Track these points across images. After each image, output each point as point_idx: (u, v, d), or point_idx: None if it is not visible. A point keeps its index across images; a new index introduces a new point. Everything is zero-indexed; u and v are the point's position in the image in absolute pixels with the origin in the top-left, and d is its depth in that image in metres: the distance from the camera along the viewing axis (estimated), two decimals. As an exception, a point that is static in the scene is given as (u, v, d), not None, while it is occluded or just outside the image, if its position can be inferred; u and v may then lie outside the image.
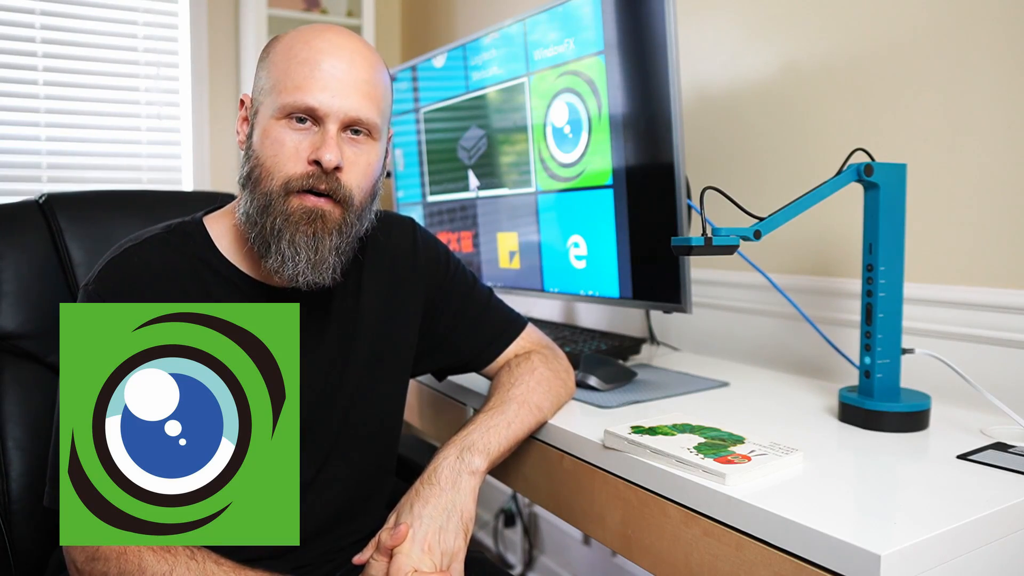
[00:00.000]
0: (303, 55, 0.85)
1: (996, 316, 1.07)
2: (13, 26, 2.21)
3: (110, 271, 0.86)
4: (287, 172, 0.84)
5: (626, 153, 1.24)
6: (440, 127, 1.74)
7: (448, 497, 0.86)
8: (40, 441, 1.06)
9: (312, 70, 0.83)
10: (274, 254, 0.85)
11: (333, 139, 0.84)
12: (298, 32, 0.88)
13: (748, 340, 1.44)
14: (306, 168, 0.84)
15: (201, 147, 2.49)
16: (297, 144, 0.84)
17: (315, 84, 0.83)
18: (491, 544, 2.37)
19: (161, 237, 0.90)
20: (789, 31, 1.35)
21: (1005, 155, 1.06)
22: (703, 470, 0.76)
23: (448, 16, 2.55)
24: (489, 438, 0.92)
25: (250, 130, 0.89)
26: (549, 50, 1.37)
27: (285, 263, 0.84)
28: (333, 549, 0.97)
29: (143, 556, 0.78)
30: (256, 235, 0.86)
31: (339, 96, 0.84)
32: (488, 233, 1.63)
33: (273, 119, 0.84)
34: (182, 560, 0.78)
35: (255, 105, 0.89)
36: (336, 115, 0.84)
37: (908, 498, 0.74)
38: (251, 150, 0.87)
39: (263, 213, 0.85)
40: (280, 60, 0.86)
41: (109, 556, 0.78)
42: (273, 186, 0.84)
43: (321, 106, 0.83)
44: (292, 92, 0.83)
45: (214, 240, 0.91)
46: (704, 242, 0.88)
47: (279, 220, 0.84)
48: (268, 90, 0.86)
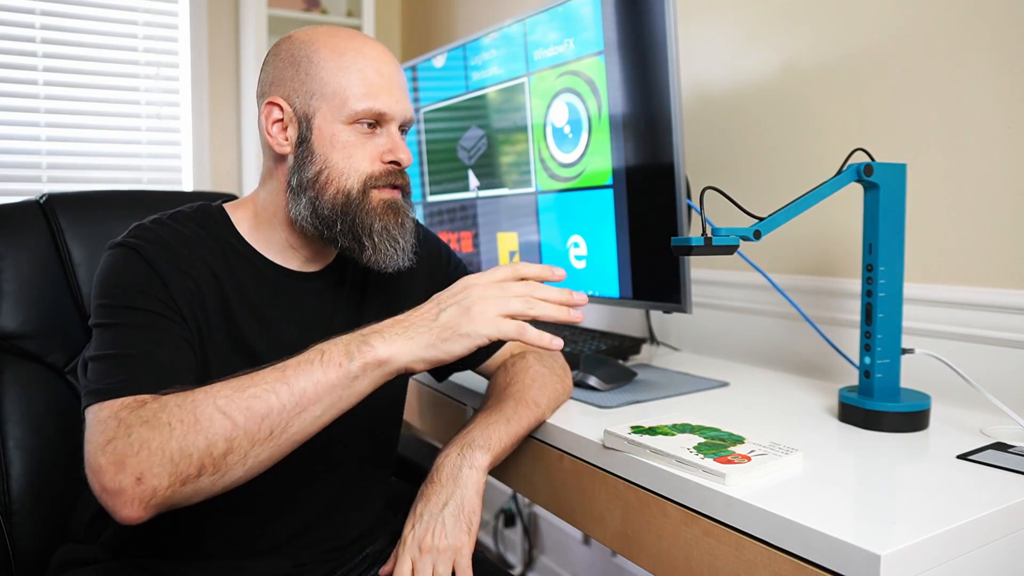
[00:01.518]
0: (358, 63, 0.89)
1: (996, 316, 1.07)
2: (13, 26, 2.21)
3: (140, 231, 0.88)
4: (365, 172, 0.90)
5: (626, 153, 1.24)
6: (440, 127, 1.74)
7: (448, 492, 0.86)
8: (41, 440, 1.06)
9: (376, 76, 0.90)
10: (370, 248, 0.90)
11: (402, 140, 0.93)
12: (332, 37, 0.91)
13: (748, 340, 1.44)
14: (383, 167, 0.91)
15: (201, 147, 2.49)
16: (371, 147, 0.91)
17: (382, 90, 0.90)
18: (491, 544, 2.37)
19: (188, 214, 0.93)
20: (789, 31, 1.35)
21: (1005, 155, 1.06)
22: (703, 470, 0.76)
23: (448, 16, 2.55)
24: (489, 434, 0.92)
25: (301, 135, 0.90)
26: (549, 50, 1.37)
27: (387, 252, 0.91)
28: (334, 547, 0.97)
29: (160, 399, 0.72)
30: (340, 231, 0.90)
31: (400, 101, 0.92)
32: (488, 233, 1.63)
33: (341, 124, 0.89)
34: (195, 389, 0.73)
35: (302, 110, 0.90)
36: (399, 118, 0.92)
37: (908, 498, 0.74)
38: (312, 154, 0.90)
39: (344, 210, 0.89)
40: (330, 66, 0.89)
41: (129, 420, 0.70)
42: (351, 184, 0.89)
43: (390, 111, 0.90)
44: (362, 99, 0.88)
45: (235, 225, 0.95)
46: (704, 242, 0.88)
47: (364, 215, 0.90)
48: (327, 95, 0.89)
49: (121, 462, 0.67)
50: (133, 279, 0.83)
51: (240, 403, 0.70)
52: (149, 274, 0.83)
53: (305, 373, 0.73)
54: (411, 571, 0.82)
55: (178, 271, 0.85)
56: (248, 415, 0.70)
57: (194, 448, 0.68)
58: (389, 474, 1.09)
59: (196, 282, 0.86)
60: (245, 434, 0.70)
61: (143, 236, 0.87)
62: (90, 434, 0.71)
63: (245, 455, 0.70)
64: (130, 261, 0.84)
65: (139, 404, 0.71)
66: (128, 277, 0.83)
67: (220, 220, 0.94)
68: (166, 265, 0.84)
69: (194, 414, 0.69)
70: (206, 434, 0.68)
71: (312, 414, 0.73)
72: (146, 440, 0.67)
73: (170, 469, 0.67)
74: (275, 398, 0.71)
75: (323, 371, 0.73)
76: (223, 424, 0.69)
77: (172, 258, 0.85)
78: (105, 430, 0.70)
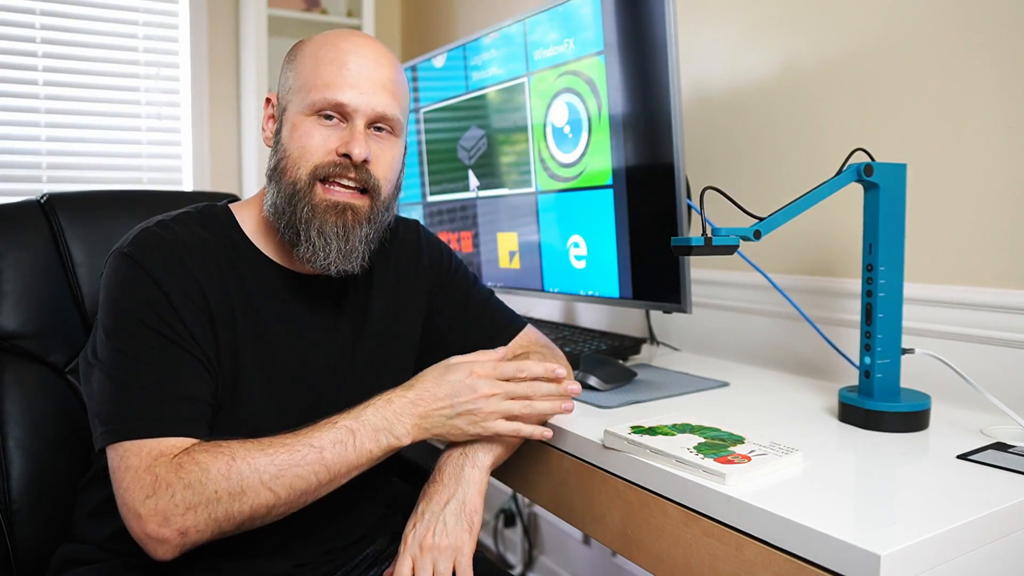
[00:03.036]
0: (330, 55, 0.89)
1: (996, 316, 1.07)
2: (13, 26, 2.21)
3: (145, 236, 0.87)
4: (314, 161, 0.88)
5: (626, 153, 1.24)
6: (440, 127, 1.74)
7: (449, 491, 0.87)
8: (41, 440, 1.06)
9: (340, 68, 0.88)
10: (304, 243, 0.88)
11: (361, 134, 0.88)
12: (324, 36, 0.92)
13: (748, 340, 1.44)
14: (334, 158, 0.88)
15: (201, 147, 2.49)
16: (325, 137, 0.88)
17: (344, 82, 0.88)
18: (491, 544, 2.37)
19: (192, 215, 0.93)
20: (789, 31, 1.35)
21: (1005, 155, 1.06)
22: (703, 470, 0.76)
23: (448, 16, 2.55)
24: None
25: (278, 126, 0.92)
26: (549, 50, 1.37)
27: (316, 252, 0.88)
28: (334, 548, 0.97)
29: (198, 458, 0.76)
30: (285, 224, 0.89)
31: (367, 94, 0.88)
32: (488, 233, 1.63)
33: (302, 115, 0.89)
34: (236, 445, 0.78)
35: (282, 103, 0.92)
36: (364, 112, 0.89)
37: (908, 498, 0.74)
38: (279, 144, 0.91)
39: (290, 201, 0.88)
40: (308, 61, 0.90)
41: (169, 479, 0.75)
42: (300, 175, 0.88)
43: (350, 103, 0.88)
44: (322, 90, 0.87)
45: (240, 225, 0.94)
46: (704, 242, 0.88)
47: (306, 209, 0.88)
48: (296, 88, 0.90)
49: (166, 518, 0.74)
50: (137, 296, 0.83)
51: (285, 481, 0.78)
52: (152, 288, 0.83)
53: (340, 456, 0.81)
54: (411, 570, 0.82)
55: (181, 281, 0.85)
56: (290, 491, 0.79)
57: (239, 514, 0.77)
58: (390, 475, 1.09)
59: (201, 289, 0.86)
60: (286, 504, 0.80)
61: (146, 244, 0.86)
62: (123, 480, 0.77)
63: (280, 515, 0.81)
64: (133, 274, 0.84)
65: (172, 457, 0.77)
66: (133, 293, 0.83)
67: (226, 221, 0.94)
68: (169, 277, 0.84)
69: (240, 486, 0.76)
70: (252, 504, 0.77)
71: (338, 483, 0.84)
72: (192, 504, 0.75)
73: (214, 528, 0.76)
74: (315, 478, 0.80)
75: (355, 455, 0.82)
76: (267, 497, 0.78)
77: (175, 267, 0.85)
78: (142, 484, 0.75)
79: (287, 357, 0.92)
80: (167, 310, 0.83)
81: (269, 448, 0.79)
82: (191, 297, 0.85)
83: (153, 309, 0.82)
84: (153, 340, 0.82)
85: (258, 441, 0.79)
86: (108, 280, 0.86)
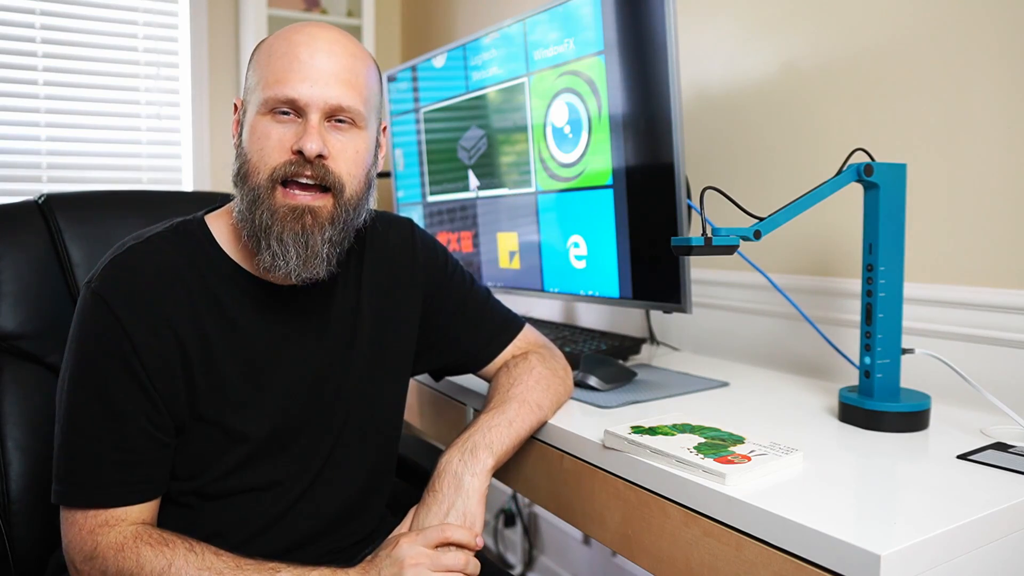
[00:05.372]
0: (282, 49, 0.85)
1: (996, 316, 1.07)
2: (13, 26, 2.21)
3: (113, 270, 0.85)
4: (271, 163, 0.84)
5: (626, 153, 1.24)
6: (440, 127, 1.74)
7: (449, 503, 0.86)
8: (40, 441, 1.05)
9: (291, 62, 0.84)
10: (264, 250, 0.85)
11: (315, 128, 0.84)
12: (280, 31, 0.89)
13: (748, 340, 1.44)
14: (288, 156, 0.84)
15: (201, 147, 2.49)
16: (281, 136, 0.84)
17: (294, 75, 0.83)
18: (491, 544, 2.37)
19: (164, 236, 0.90)
20: (789, 31, 1.35)
21: (1005, 155, 1.06)
22: (703, 470, 0.76)
23: (448, 16, 2.55)
24: (492, 437, 0.91)
25: (240, 130, 0.90)
26: (549, 50, 1.37)
27: (276, 260, 0.85)
28: (333, 550, 0.97)
29: (140, 551, 0.78)
30: (248, 231, 0.86)
31: (318, 85, 0.84)
32: (488, 233, 1.63)
33: (258, 115, 0.85)
34: (180, 552, 0.78)
35: (244, 106, 0.90)
36: (316, 104, 0.84)
37: (908, 498, 0.73)
38: (241, 148, 0.88)
39: (252, 207, 0.85)
40: (262, 58, 0.87)
41: (106, 554, 0.78)
42: (260, 179, 0.85)
43: (301, 96, 0.83)
44: (273, 86, 0.84)
45: (216, 238, 0.91)
46: (704, 242, 0.88)
47: (266, 215, 0.84)
48: (252, 88, 0.87)
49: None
50: (101, 341, 0.82)
51: None
52: (116, 332, 0.82)
53: None
54: None
55: (147, 319, 0.83)
56: None
57: None
58: (391, 478, 1.08)
59: (168, 322, 0.84)
60: None
61: (112, 277, 0.84)
62: (68, 534, 0.82)
63: None
64: (99, 315, 0.82)
65: (112, 531, 0.80)
66: (97, 338, 0.83)
67: (200, 237, 0.91)
68: (134, 317, 0.82)
69: None
70: None
71: None
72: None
73: None
74: None
75: None
76: None
77: (141, 306, 0.83)
78: (84, 545, 0.80)
79: (273, 371, 0.90)
80: (130, 356, 0.82)
81: (206, 571, 0.77)
82: (158, 335, 0.83)
83: (115, 359, 0.82)
84: (109, 393, 0.82)
85: (203, 555, 0.78)
86: (77, 316, 0.85)
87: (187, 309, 0.86)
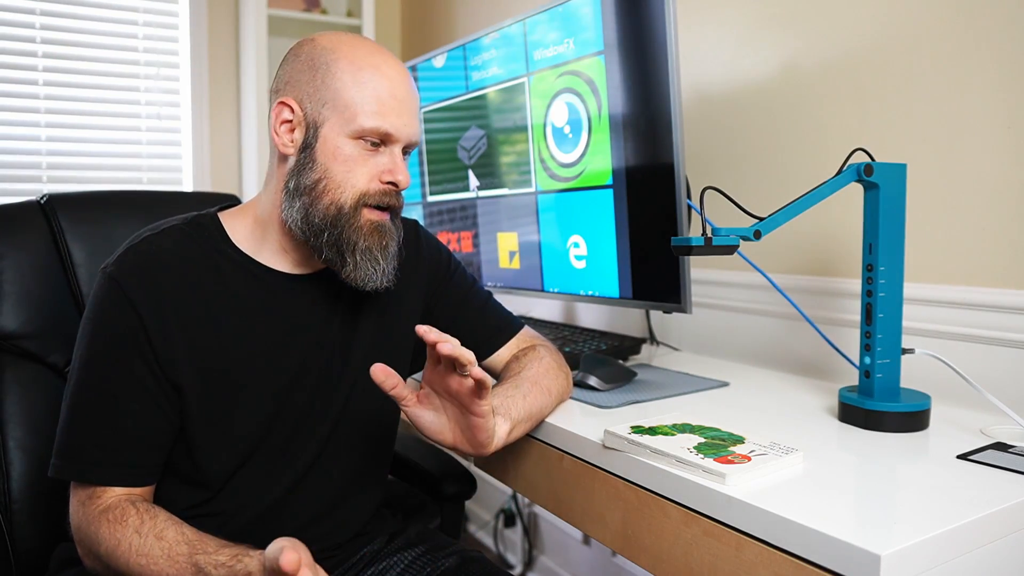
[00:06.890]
0: (374, 80, 0.89)
1: (996, 316, 1.07)
2: (13, 26, 2.21)
3: (129, 256, 0.89)
4: (361, 188, 0.90)
5: (626, 153, 1.24)
6: (440, 127, 1.74)
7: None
8: (41, 441, 1.06)
9: (389, 98, 0.89)
10: (350, 264, 0.90)
11: (403, 162, 0.93)
12: (354, 49, 0.91)
13: (748, 340, 1.44)
14: (380, 187, 0.91)
15: (201, 147, 2.49)
16: (371, 164, 0.90)
17: (392, 112, 0.89)
18: (491, 544, 2.37)
19: (179, 227, 0.93)
20: (789, 31, 1.35)
21: (1005, 155, 1.06)
22: (703, 470, 0.76)
23: (448, 16, 2.55)
24: (509, 404, 0.92)
25: (307, 140, 0.90)
26: (549, 50, 1.37)
27: (362, 272, 0.90)
28: (328, 546, 0.97)
29: (100, 528, 0.82)
30: (326, 242, 0.90)
31: (409, 124, 0.92)
32: (488, 233, 1.63)
33: (346, 137, 0.89)
34: (128, 534, 0.81)
35: (311, 115, 0.90)
36: (404, 140, 0.92)
37: (908, 498, 0.74)
38: (314, 161, 0.90)
39: (334, 223, 0.89)
40: (347, 79, 0.89)
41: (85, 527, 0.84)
42: (345, 199, 0.89)
43: (397, 133, 0.90)
44: (372, 117, 0.88)
45: (228, 233, 0.95)
46: (704, 242, 0.88)
47: (351, 231, 0.90)
48: (334, 106, 0.89)
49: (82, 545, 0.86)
50: (114, 322, 0.86)
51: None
52: (129, 314, 0.85)
53: None
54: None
55: (160, 304, 0.86)
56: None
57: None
58: (386, 472, 1.09)
59: (180, 307, 0.88)
60: None
61: (128, 262, 0.88)
62: (70, 499, 0.87)
63: None
64: (113, 297, 0.86)
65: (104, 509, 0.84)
66: (110, 319, 0.86)
67: (213, 230, 0.94)
68: (147, 300, 0.86)
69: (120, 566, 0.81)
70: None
71: None
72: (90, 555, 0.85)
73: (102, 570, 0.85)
74: None
75: None
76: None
77: (154, 290, 0.87)
78: (76, 513, 0.86)
79: (280, 358, 0.93)
80: (141, 339, 0.85)
81: (143, 558, 0.80)
82: (168, 319, 0.87)
83: (126, 339, 0.85)
84: (117, 373, 0.85)
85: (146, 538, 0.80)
86: (91, 299, 0.89)
87: (199, 295, 0.89)
